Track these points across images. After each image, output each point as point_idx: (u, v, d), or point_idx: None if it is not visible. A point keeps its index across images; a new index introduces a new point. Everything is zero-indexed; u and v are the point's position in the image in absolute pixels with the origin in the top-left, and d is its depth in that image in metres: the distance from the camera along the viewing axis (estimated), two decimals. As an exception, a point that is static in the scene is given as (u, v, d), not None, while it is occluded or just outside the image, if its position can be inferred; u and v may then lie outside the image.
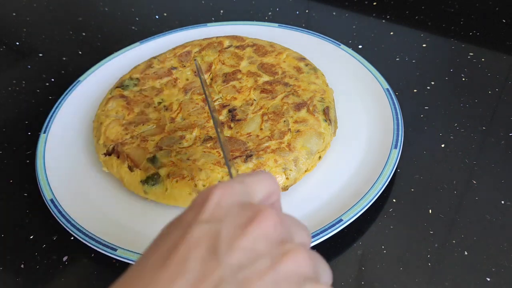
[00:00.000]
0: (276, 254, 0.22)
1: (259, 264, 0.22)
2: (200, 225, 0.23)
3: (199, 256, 0.22)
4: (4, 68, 0.71)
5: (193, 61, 0.60)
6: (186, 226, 0.23)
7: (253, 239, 0.22)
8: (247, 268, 0.21)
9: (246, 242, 0.22)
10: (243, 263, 0.21)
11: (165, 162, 0.47)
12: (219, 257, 0.21)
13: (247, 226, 0.23)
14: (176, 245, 0.22)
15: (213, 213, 0.24)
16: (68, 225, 0.45)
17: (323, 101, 0.52)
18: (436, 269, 0.41)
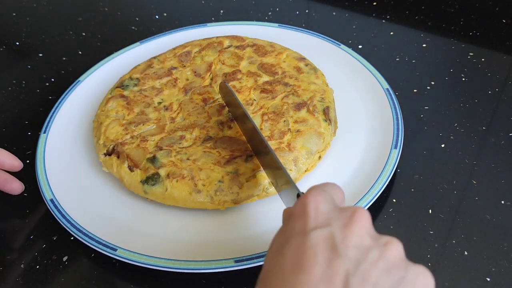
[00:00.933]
0: (379, 245, 0.28)
1: (371, 256, 0.27)
2: (315, 231, 0.28)
3: (325, 257, 0.27)
4: (4, 68, 0.71)
5: (193, 61, 0.60)
6: (302, 234, 0.29)
7: (359, 235, 0.28)
8: (364, 261, 0.27)
9: (355, 239, 0.28)
10: (359, 257, 0.27)
11: (165, 162, 0.47)
12: (340, 256, 0.27)
13: (351, 226, 0.29)
14: (304, 251, 0.28)
15: (317, 219, 0.29)
16: (68, 225, 0.45)
17: (323, 101, 0.52)
18: (436, 269, 0.41)
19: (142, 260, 0.41)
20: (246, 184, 0.45)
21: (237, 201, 0.45)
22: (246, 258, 0.40)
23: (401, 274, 0.27)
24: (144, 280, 0.42)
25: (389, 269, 0.27)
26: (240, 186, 0.45)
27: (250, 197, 0.45)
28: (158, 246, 0.43)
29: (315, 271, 0.26)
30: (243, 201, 0.45)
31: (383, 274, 0.27)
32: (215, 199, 0.44)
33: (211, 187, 0.44)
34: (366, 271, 0.26)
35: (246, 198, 0.45)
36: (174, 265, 0.41)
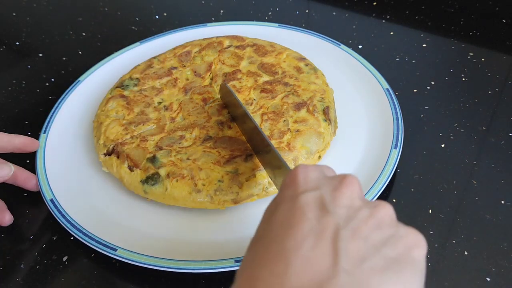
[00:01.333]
0: (369, 206, 0.28)
1: (361, 214, 0.27)
2: (303, 194, 0.28)
3: (314, 215, 0.27)
4: (4, 68, 0.71)
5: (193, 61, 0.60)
6: (291, 199, 0.29)
7: (349, 197, 0.28)
8: (354, 218, 0.27)
9: (345, 200, 0.28)
10: (349, 215, 0.27)
11: (165, 162, 0.47)
12: (330, 213, 0.27)
13: (341, 189, 0.29)
14: (293, 212, 0.28)
15: (307, 184, 0.29)
16: (68, 225, 0.45)
17: (323, 101, 0.52)
18: (436, 269, 0.41)
19: (142, 260, 0.41)
20: (246, 183, 0.45)
21: (237, 201, 0.45)
22: (246, 258, 0.40)
23: (392, 232, 0.27)
24: (144, 280, 0.42)
25: (380, 226, 0.27)
26: (240, 186, 0.45)
27: (250, 197, 0.45)
28: (158, 246, 0.43)
29: (304, 226, 0.26)
30: (243, 201, 0.45)
31: (373, 230, 0.27)
32: (215, 199, 0.44)
33: (211, 186, 0.44)
34: (356, 227, 0.27)
35: (246, 197, 0.45)
36: (174, 265, 0.41)
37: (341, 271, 0.24)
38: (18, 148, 0.49)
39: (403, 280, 0.26)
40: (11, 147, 0.49)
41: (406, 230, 0.28)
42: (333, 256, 0.25)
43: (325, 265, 0.25)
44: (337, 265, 0.25)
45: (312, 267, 0.25)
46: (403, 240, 0.27)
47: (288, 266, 0.25)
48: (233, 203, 0.45)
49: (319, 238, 0.26)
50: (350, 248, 0.26)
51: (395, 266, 0.25)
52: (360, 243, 0.26)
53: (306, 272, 0.24)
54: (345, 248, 0.25)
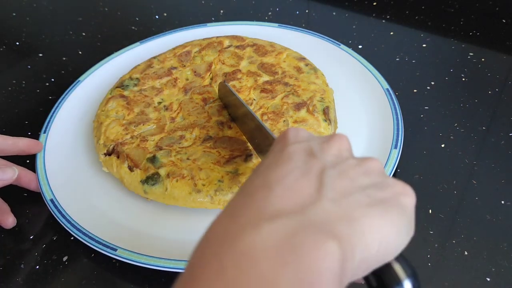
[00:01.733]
0: (358, 159, 0.28)
1: (349, 162, 0.27)
2: (292, 144, 0.28)
3: (301, 158, 0.27)
4: (4, 68, 0.71)
5: (193, 60, 0.60)
6: (280, 149, 0.28)
7: (338, 149, 0.28)
8: (341, 163, 0.27)
9: (333, 150, 0.28)
10: (337, 161, 0.27)
11: (165, 162, 0.47)
12: (317, 158, 0.27)
13: (330, 141, 0.29)
14: (279, 157, 0.27)
15: (296, 139, 0.29)
16: (68, 225, 0.45)
17: (323, 101, 0.52)
18: (436, 269, 0.41)
19: (142, 260, 0.41)
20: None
21: None
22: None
23: (379, 180, 0.27)
24: (144, 280, 0.42)
25: (368, 174, 0.27)
26: (240, 186, 0.44)
27: None
28: (158, 246, 0.43)
29: (289, 164, 0.26)
30: None
31: (361, 175, 0.26)
32: (215, 199, 0.44)
33: (211, 186, 0.44)
34: (343, 169, 0.26)
35: None
36: (174, 265, 0.41)
37: (325, 198, 0.24)
38: (22, 150, 0.50)
39: (388, 218, 0.25)
40: (15, 149, 0.50)
41: (394, 180, 0.27)
42: (318, 186, 0.25)
43: (309, 192, 0.24)
44: (321, 193, 0.24)
45: (295, 194, 0.24)
46: (391, 188, 0.27)
47: (271, 192, 0.24)
48: None
49: (304, 174, 0.25)
50: (335, 183, 0.25)
51: (381, 205, 0.25)
52: (346, 182, 0.26)
53: (288, 197, 0.24)
54: (331, 183, 0.25)
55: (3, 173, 0.46)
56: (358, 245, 0.23)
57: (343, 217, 0.23)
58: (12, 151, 0.50)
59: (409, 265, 0.26)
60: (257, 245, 0.21)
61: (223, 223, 0.24)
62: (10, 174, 0.47)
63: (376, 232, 0.24)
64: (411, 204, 0.27)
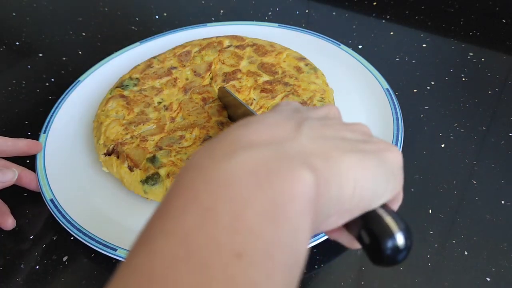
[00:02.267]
0: (346, 122, 0.28)
1: (334, 121, 0.27)
2: (281, 105, 0.29)
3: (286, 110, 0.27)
4: (4, 68, 0.71)
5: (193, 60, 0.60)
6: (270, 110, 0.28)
7: (326, 112, 0.29)
8: (326, 119, 0.27)
9: (321, 112, 0.28)
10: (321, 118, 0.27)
11: (165, 162, 0.47)
12: (303, 113, 0.27)
13: (319, 107, 0.29)
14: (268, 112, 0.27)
15: (287, 104, 0.29)
16: (68, 225, 0.45)
17: (323, 101, 0.52)
18: (436, 269, 0.41)
19: (142, 260, 0.41)
20: None
21: None
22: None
23: (365, 138, 0.27)
24: (144, 280, 0.42)
25: (353, 131, 0.27)
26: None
27: None
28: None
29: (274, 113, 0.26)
30: None
31: (345, 130, 0.26)
32: (215, 199, 0.44)
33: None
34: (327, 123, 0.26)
35: None
36: (174, 265, 0.40)
37: (303, 136, 0.24)
38: (23, 151, 0.50)
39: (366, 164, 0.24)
40: (15, 150, 0.50)
41: (381, 140, 0.27)
42: (297, 127, 0.25)
43: (287, 129, 0.24)
44: (300, 131, 0.24)
45: (273, 129, 0.24)
46: (376, 144, 0.26)
47: (250, 126, 0.24)
48: None
49: (286, 118, 0.25)
50: (316, 128, 0.25)
51: (360, 152, 0.25)
52: (328, 130, 0.26)
53: (266, 131, 0.24)
54: (310, 126, 0.25)
55: (3, 175, 0.46)
56: (333, 181, 0.23)
57: (320, 153, 0.23)
58: (12, 152, 0.50)
59: (402, 219, 0.25)
60: (231, 171, 0.21)
61: (199, 156, 0.23)
62: (10, 176, 0.47)
63: (352, 173, 0.24)
64: (394, 159, 0.26)
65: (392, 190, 0.26)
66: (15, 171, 0.48)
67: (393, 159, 0.26)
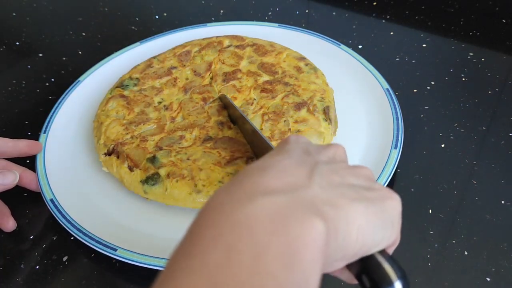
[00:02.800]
0: (351, 165, 0.30)
1: (341, 165, 0.29)
2: (291, 144, 0.31)
3: (297, 153, 0.29)
4: (4, 68, 0.71)
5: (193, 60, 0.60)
6: (281, 147, 0.31)
7: (333, 153, 0.31)
8: (333, 163, 0.29)
9: (329, 153, 0.30)
10: (329, 162, 0.29)
11: (165, 162, 0.47)
12: (312, 155, 0.29)
13: (327, 147, 0.31)
14: (279, 151, 0.30)
15: (296, 142, 0.31)
16: (68, 225, 0.45)
17: (323, 101, 0.52)
18: (436, 269, 0.41)
19: (142, 260, 0.41)
20: None
21: None
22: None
23: (368, 184, 0.29)
24: (144, 280, 0.42)
25: (357, 177, 0.29)
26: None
27: None
28: (158, 246, 0.43)
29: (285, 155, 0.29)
30: None
31: (350, 175, 0.28)
32: (215, 199, 0.44)
33: (211, 187, 0.44)
34: (333, 169, 0.28)
35: None
36: (174, 265, 0.40)
37: (315, 184, 0.26)
38: (23, 152, 0.50)
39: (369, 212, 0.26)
40: (16, 152, 0.50)
41: (382, 186, 0.29)
42: (309, 174, 0.27)
43: (301, 177, 0.27)
44: (312, 180, 0.27)
45: (288, 176, 0.26)
46: (378, 192, 0.28)
47: (266, 172, 0.27)
48: None
49: (298, 163, 0.28)
50: (326, 174, 0.27)
51: (365, 201, 0.27)
52: (336, 177, 0.28)
53: (281, 178, 0.26)
54: (321, 173, 0.27)
55: (4, 177, 0.46)
56: (341, 229, 0.25)
57: (329, 202, 0.25)
58: (13, 153, 0.50)
59: (400, 267, 0.27)
60: (252, 215, 0.23)
61: (220, 197, 0.26)
62: (11, 179, 0.47)
63: (357, 221, 0.26)
64: (395, 208, 0.28)
65: (390, 237, 0.28)
66: (16, 173, 0.48)
67: (394, 207, 0.28)
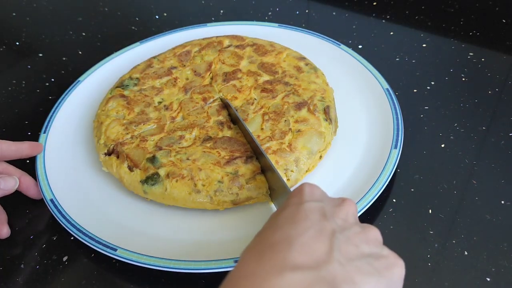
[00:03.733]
0: (361, 226, 0.33)
1: (354, 229, 0.32)
2: (308, 203, 0.33)
3: (315, 218, 0.31)
4: (4, 68, 0.71)
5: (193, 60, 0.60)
6: (297, 204, 0.33)
7: (345, 214, 0.33)
8: (348, 229, 0.32)
9: (342, 214, 0.33)
10: (344, 226, 0.32)
11: (165, 162, 0.47)
12: (329, 220, 0.32)
13: (340, 206, 0.34)
14: (297, 213, 0.32)
15: (311, 196, 0.34)
16: (68, 225, 0.45)
17: (324, 100, 0.52)
18: (436, 269, 0.41)
19: (142, 260, 0.41)
20: (246, 186, 0.45)
21: (236, 202, 0.45)
22: (246, 258, 0.40)
23: (377, 250, 0.32)
24: (144, 280, 0.42)
25: (368, 242, 0.32)
26: (240, 188, 0.44)
27: (249, 199, 0.45)
28: (158, 246, 0.43)
29: (306, 222, 0.31)
30: (242, 203, 0.45)
31: (363, 242, 0.31)
32: (214, 200, 0.44)
33: (211, 187, 0.44)
34: (349, 236, 0.31)
35: (245, 200, 0.45)
36: (174, 265, 0.41)
37: (335, 260, 0.29)
38: (25, 154, 0.50)
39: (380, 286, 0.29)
40: (19, 154, 0.50)
41: (389, 252, 0.32)
42: (329, 248, 0.29)
43: (322, 252, 0.29)
44: (332, 255, 0.29)
45: (311, 251, 0.29)
46: (386, 259, 0.31)
47: (291, 246, 0.29)
48: (232, 205, 0.45)
49: (318, 233, 0.30)
50: (342, 247, 0.30)
51: (376, 274, 0.30)
52: (351, 248, 0.31)
53: (305, 253, 0.29)
54: (339, 246, 0.30)
55: (5, 183, 0.46)
56: None
57: (347, 279, 0.28)
58: (16, 156, 0.50)
59: None
60: None
61: (251, 265, 0.29)
62: (11, 184, 0.47)
63: None
64: (400, 276, 0.31)
65: None
66: (16, 179, 0.48)
67: (399, 275, 0.31)
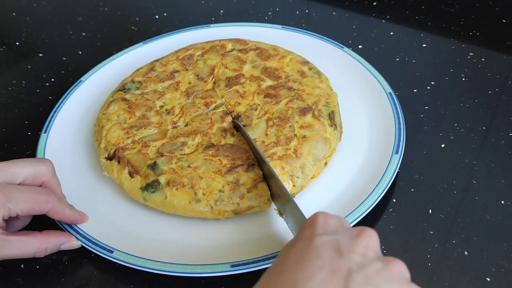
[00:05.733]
0: (383, 260, 0.29)
1: (374, 265, 0.28)
2: (321, 236, 0.30)
3: (328, 255, 0.28)
4: (4, 68, 0.71)
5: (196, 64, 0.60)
6: (308, 238, 0.30)
7: (364, 247, 0.29)
8: (367, 266, 0.28)
9: (360, 249, 0.29)
10: (363, 263, 0.28)
11: (166, 169, 0.46)
12: (344, 257, 0.28)
13: (358, 238, 0.30)
14: (307, 250, 0.29)
15: (325, 228, 0.30)
16: (66, 226, 0.45)
17: (328, 106, 0.51)
18: (436, 269, 0.41)
19: (139, 263, 0.41)
20: (247, 195, 0.44)
21: (237, 212, 0.44)
22: (242, 262, 0.40)
23: None
24: (144, 280, 0.42)
25: (392, 281, 0.27)
26: (241, 197, 0.44)
27: (251, 208, 0.44)
28: (156, 250, 0.42)
29: (316, 262, 0.27)
30: (243, 212, 0.44)
31: (385, 281, 0.27)
32: (215, 209, 0.44)
33: (211, 196, 0.44)
34: (369, 274, 0.27)
35: (246, 209, 0.44)
36: (170, 268, 0.40)
37: None
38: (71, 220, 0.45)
39: None
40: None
41: None
42: None
43: None
44: None
45: None
46: None
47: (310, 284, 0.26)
48: (233, 214, 0.44)
49: (331, 275, 0.27)
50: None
51: None
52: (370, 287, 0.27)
53: None
54: None
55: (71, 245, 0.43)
56: None
57: None
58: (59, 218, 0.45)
59: None
60: None
61: None
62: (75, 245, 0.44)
63: None
64: None
65: None
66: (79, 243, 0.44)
67: None
